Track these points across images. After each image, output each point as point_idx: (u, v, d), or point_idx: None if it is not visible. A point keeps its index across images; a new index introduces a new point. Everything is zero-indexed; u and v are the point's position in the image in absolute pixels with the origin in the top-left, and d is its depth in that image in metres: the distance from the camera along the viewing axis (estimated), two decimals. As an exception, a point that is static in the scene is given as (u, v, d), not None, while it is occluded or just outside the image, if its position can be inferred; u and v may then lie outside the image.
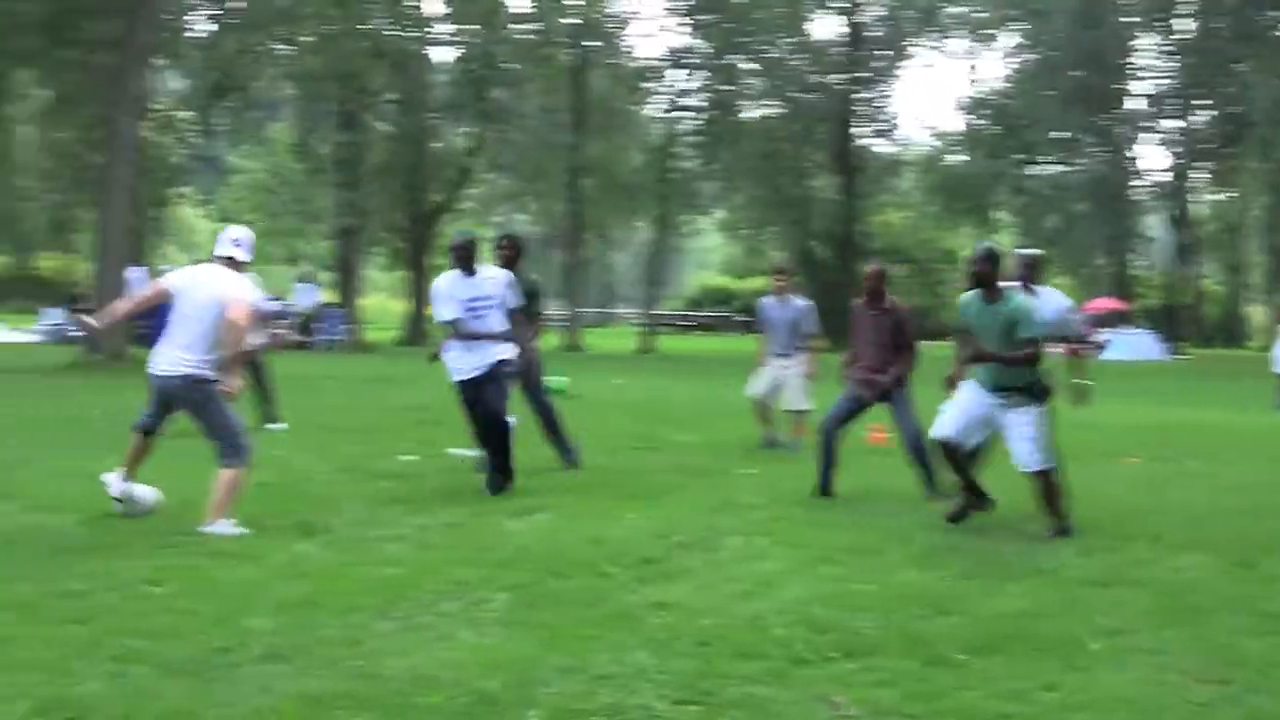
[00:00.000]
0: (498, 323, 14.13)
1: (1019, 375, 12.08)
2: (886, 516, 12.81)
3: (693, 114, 64.19)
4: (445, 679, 7.15)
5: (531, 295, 15.40)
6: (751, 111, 67.63)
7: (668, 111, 64.90)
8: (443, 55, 59.64)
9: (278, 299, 45.11)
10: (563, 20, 54.91)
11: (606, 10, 61.76)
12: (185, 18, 42.68)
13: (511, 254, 15.91)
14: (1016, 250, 15.46)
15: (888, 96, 70.00)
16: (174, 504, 12.21)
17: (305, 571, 9.73)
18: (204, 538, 10.88)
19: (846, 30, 67.37)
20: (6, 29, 36.25)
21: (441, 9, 55.44)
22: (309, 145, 54.06)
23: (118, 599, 8.80)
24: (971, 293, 12.30)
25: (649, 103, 66.58)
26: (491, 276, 14.28)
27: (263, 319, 20.23)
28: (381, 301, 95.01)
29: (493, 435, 13.92)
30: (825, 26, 72.46)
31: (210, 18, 45.11)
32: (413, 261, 59.79)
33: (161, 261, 52.12)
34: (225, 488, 11.43)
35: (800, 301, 19.37)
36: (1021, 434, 12.08)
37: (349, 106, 52.08)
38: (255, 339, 19.90)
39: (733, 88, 63.28)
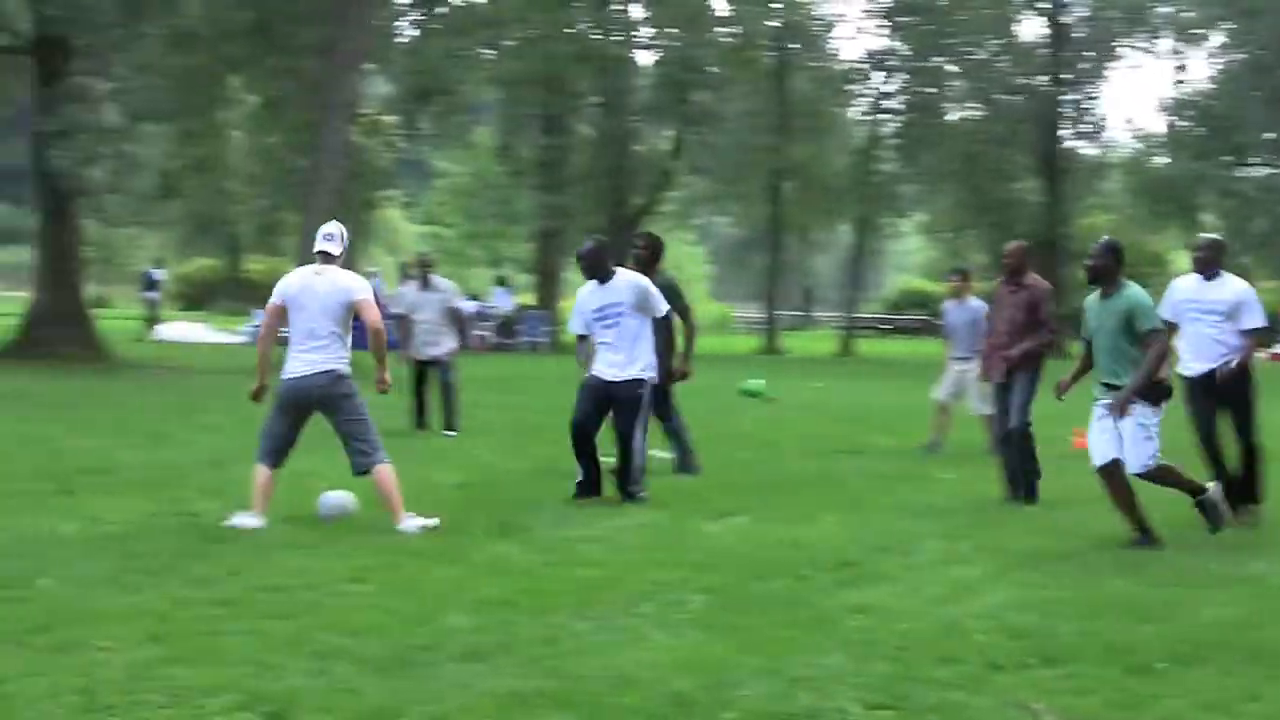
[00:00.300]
0: (632, 331, 13.79)
1: (1119, 371, 11.70)
2: (1090, 522, 12.64)
3: (894, 116, 63.77)
4: (641, 680, 7.17)
5: (670, 295, 14.93)
6: (954, 114, 67.04)
7: (869, 114, 64.53)
8: (645, 58, 59.91)
9: (475, 300, 45.60)
10: (765, 23, 54.76)
11: (810, 13, 61.51)
12: (393, 24, 43.22)
13: (647, 254, 15.73)
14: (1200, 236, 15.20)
15: (1094, 98, 68.70)
16: (378, 505, 12.40)
17: (504, 571, 9.81)
18: (404, 536, 11.02)
19: (1051, 31, 66.50)
20: (218, 36, 36.94)
21: (645, 12, 55.66)
22: (512, 148, 54.46)
23: (321, 596, 8.94)
24: (1092, 293, 12.12)
25: (851, 105, 66.24)
26: (626, 283, 13.96)
27: (459, 321, 20.31)
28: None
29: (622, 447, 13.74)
30: (1030, 27, 71.61)
31: (416, 23, 45.65)
32: (616, 263, 59.97)
33: (367, 264, 52.80)
34: (389, 484, 11.69)
35: (978, 303, 19.12)
36: (1131, 434, 11.57)
37: (552, 110, 52.42)
38: (449, 343, 20.01)
39: (935, 90, 62.73)
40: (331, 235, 12.18)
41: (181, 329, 52.02)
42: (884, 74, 62.55)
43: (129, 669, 7.11)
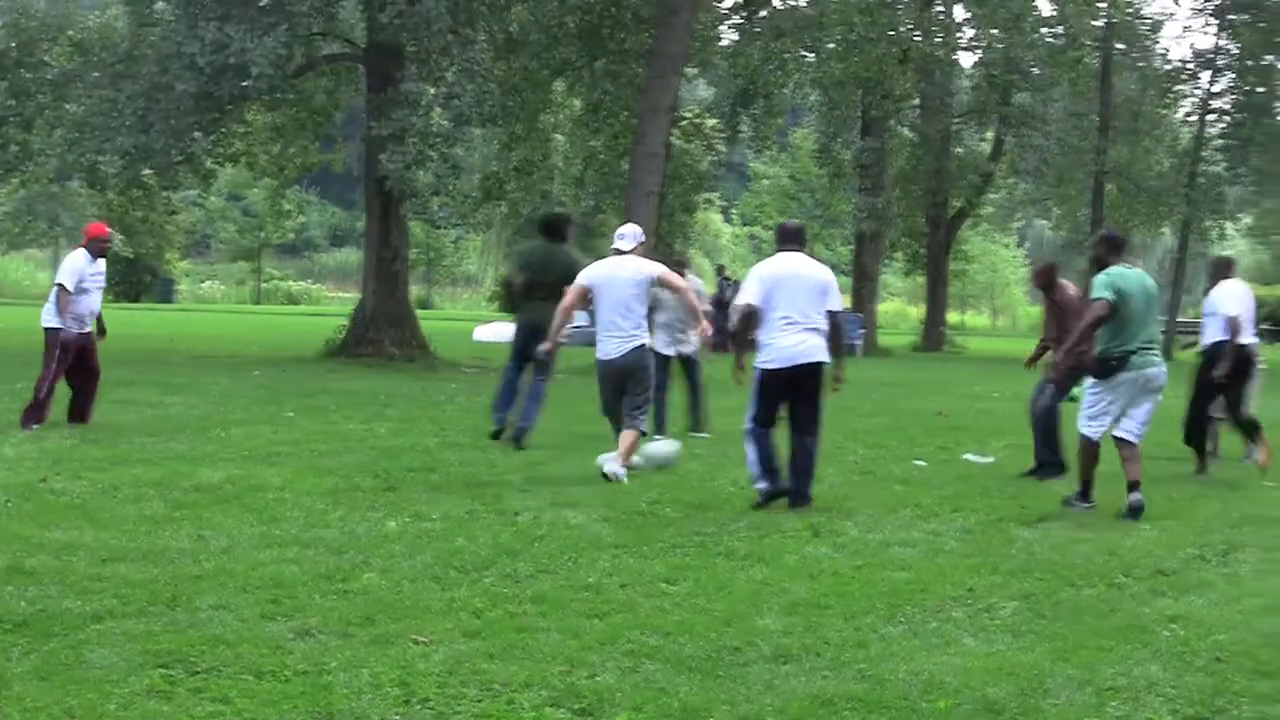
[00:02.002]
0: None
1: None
2: None
3: (1222, 116, 62.23)
4: (951, 685, 7.15)
5: None
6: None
7: (1196, 114, 63.08)
8: (966, 59, 59.36)
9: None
10: (1090, 22, 53.85)
11: (1137, 11, 60.39)
12: (716, 28, 43.37)
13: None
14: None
15: None
16: (690, 506, 12.53)
17: (815, 573, 9.83)
18: (721, 531, 11.09)
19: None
20: (545, 41, 37.49)
21: (966, 13, 55.16)
22: (831, 150, 54.36)
23: (634, 595, 9.05)
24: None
25: (1178, 105, 64.86)
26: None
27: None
28: (899, 306, 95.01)
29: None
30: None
31: (736, 26, 45.77)
32: (932, 266, 59.57)
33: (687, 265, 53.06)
34: (630, 441, 14.26)
35: None
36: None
37: (872, 112, 52.22)
38: (694, 339, 19.20)
39: (1265, 89, 61.04)
40: (623, 235, 14.53)
41: (499, 329, 52.97)
42: (1211, 73, 61.05)
43: (446, 663, 7.29)
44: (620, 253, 14.07)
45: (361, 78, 35.96)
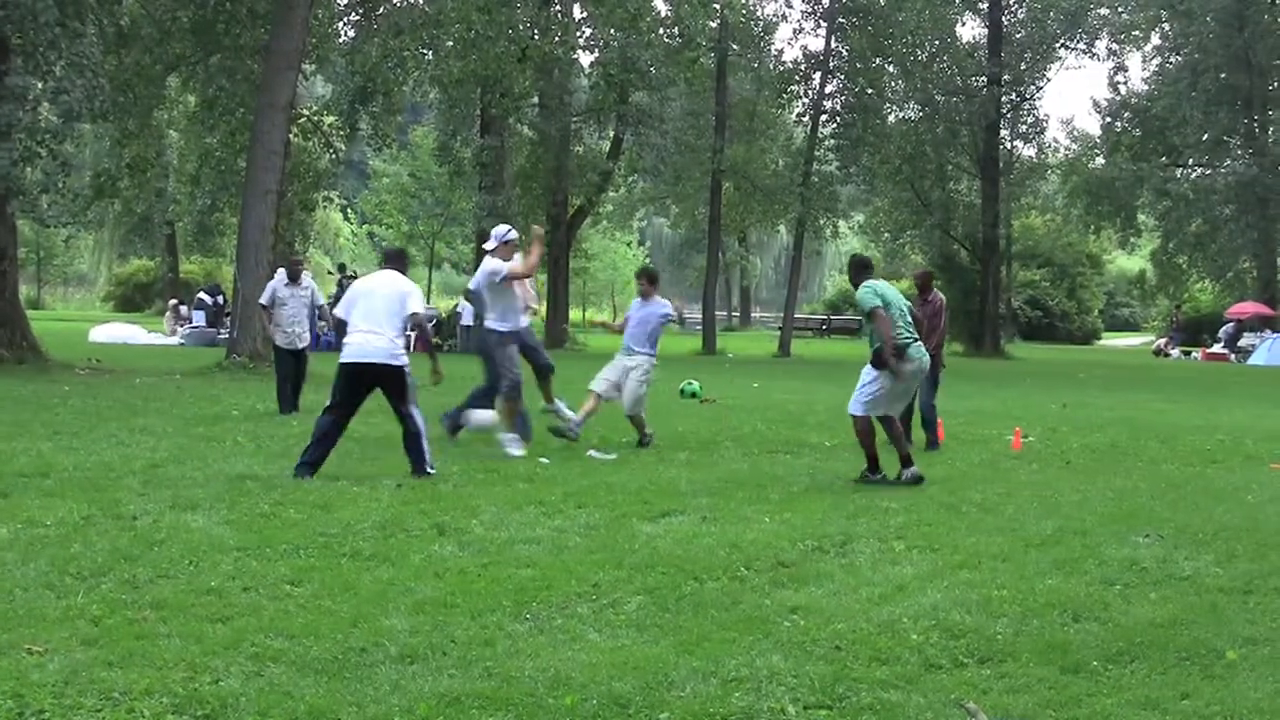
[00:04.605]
0: None
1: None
2: (1028, 523, 12.72)
3: (834, 117, 63.85)
4: (578, 681, 7.20)
5: None
6: (894, 114, 67.30)
7: (809, 114, 64.61)
8: (585, 58, 59.84)
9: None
10: (705, 23, 54.72)
11: (750, 14, 61.69)
12: (333, 25, 43.08)
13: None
14: None
15: (1032, 99, 69.13)
16: (314, 507, 12.39)
17: (441, 572, 9.81)
18: (344, 535, 10.98)
19: (990, 33, 66.76)
20: (158, 36, 36.79)
21: (584, 13, 55.58)
22: (451, 149, 54.30)
23: (258, 598, 8.92)
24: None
25: (791, 106, 66.36)
26: None
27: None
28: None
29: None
30: (969, 29, 71.99)
31: (355, 23, 45.51)
32: (552, 264, 59.94)
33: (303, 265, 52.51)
34: None
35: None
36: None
37: (492, 110, 52.31)
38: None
39: (874, 91, 62.83)
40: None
41: (115, 330, 51.90)
42: (823, 75, 62.63)
43: (62, 672, 7.09)
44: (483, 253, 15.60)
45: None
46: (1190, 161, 72.45)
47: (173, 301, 60.68)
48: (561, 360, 21.83)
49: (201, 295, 53.81)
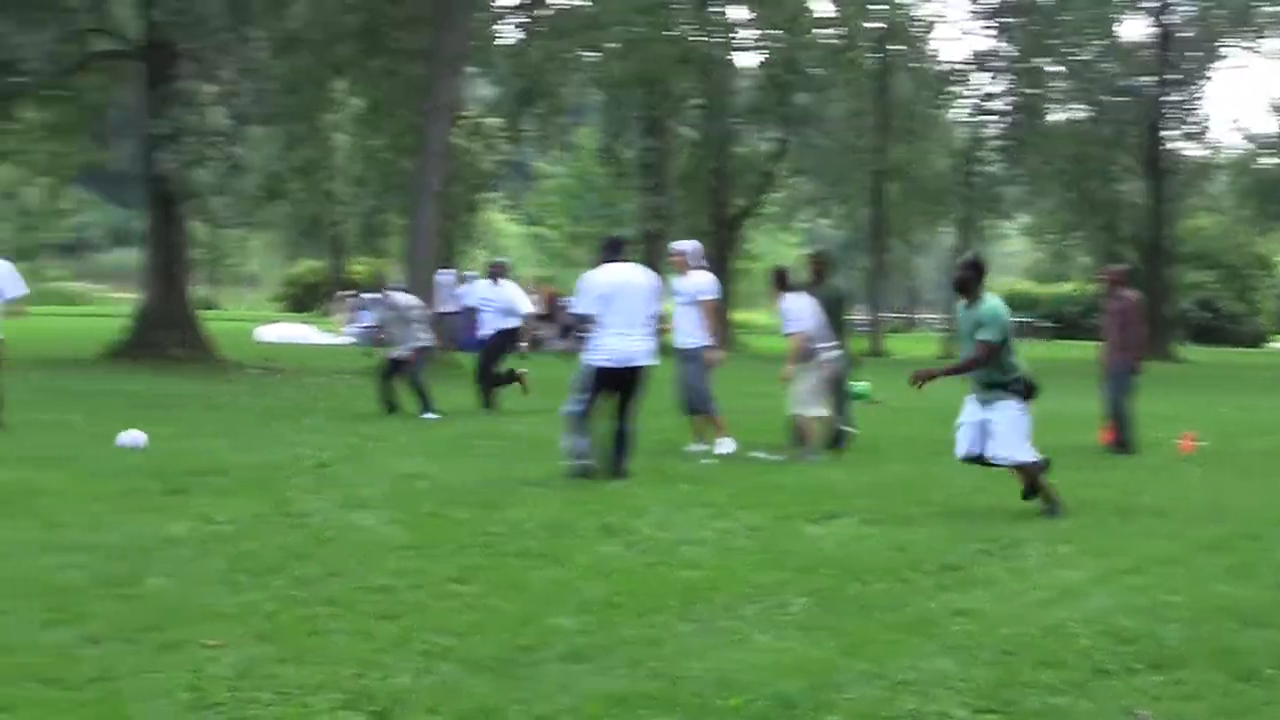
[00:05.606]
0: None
1: (988, 374, 13.18)
2: (1199, 527, 12.56)
3: (998, 117, 63.39)
4: (744, 682, 7.18)
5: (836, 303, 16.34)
6: (1058, 115, 66.66)
7: (972, 115, 64.21)
8: (746, 60, 59.83)
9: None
10: (867, 24, 54.57)
11: (911, 14, 61.40)
12: (494, 27, 43.38)
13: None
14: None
15: (1199, 98, 68.04)
16: (479, 506, 12.49)
17: (608, 572, 9.84)
18: (512, 538, 11.05)
19: (1156, 31, 65.95)
20: (324, 40, 37.26)
21: (746, 14, 55.59)
22: (614, 150, 54.50)
23: (426, 597, 8.99)
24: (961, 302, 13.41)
25: (953, 106, 66.00)
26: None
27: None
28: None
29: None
30: (1134, 28, 71.16)
31: (518, 26, 45.85)
32: (714, 265, 59.91)
33: (469, 265, 52.97)
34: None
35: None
36: (995, 429, 13.14)
37: (654, 112, 52.48)
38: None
39: (1039, 91, 62.30)
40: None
41: (284, 330, 52.46)
42: (987, 75, 62.17)
43: (237, 667, 7.19)
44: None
45: (138, 75, 35.38)
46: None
47: (348, 294, 60.56)
48: (732, 362, 21.69)
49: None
